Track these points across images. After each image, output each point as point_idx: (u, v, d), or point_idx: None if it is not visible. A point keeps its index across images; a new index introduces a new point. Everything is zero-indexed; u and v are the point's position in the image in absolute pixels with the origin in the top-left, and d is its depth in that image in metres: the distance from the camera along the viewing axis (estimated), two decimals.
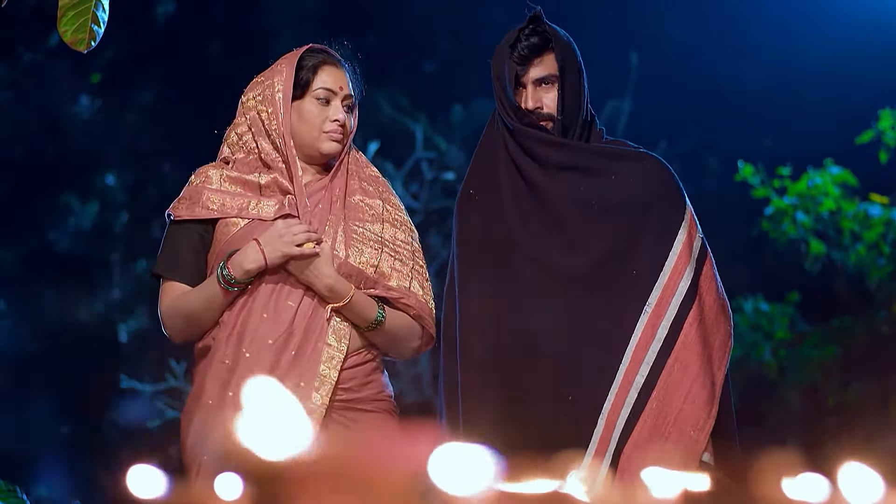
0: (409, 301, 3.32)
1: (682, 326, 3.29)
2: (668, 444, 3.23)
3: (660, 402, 3.25)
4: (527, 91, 3.37)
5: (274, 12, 9.58)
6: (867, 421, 7.42)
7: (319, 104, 3.31)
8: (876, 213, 7.54)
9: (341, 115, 3.30)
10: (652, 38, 9.50)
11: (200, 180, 3.33)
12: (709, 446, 3.27)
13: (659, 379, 3.26)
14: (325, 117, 3.30)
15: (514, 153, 3.39)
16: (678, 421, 3.25)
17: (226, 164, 3.35)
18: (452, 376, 3.36)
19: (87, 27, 2.78)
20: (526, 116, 3.36)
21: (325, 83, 3.31)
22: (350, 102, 3.34)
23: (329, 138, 3.30)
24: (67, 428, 9.10)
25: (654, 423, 3.25)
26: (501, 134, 3.41)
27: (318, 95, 3.31)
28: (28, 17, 8.78)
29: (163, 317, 3.28)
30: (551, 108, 3.36)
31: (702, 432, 3.25)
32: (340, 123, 3.30)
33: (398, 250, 3.34)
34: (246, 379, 3.16)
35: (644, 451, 3.21)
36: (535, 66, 3.36)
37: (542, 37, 3.36)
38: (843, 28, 8.96)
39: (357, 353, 3.26)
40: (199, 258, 3.28)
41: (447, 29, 9.62)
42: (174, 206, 3.32)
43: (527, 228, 3.36)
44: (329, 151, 3.31)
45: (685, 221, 3.36)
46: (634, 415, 3.24)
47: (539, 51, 3.36)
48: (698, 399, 3.26)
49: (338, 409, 3.21)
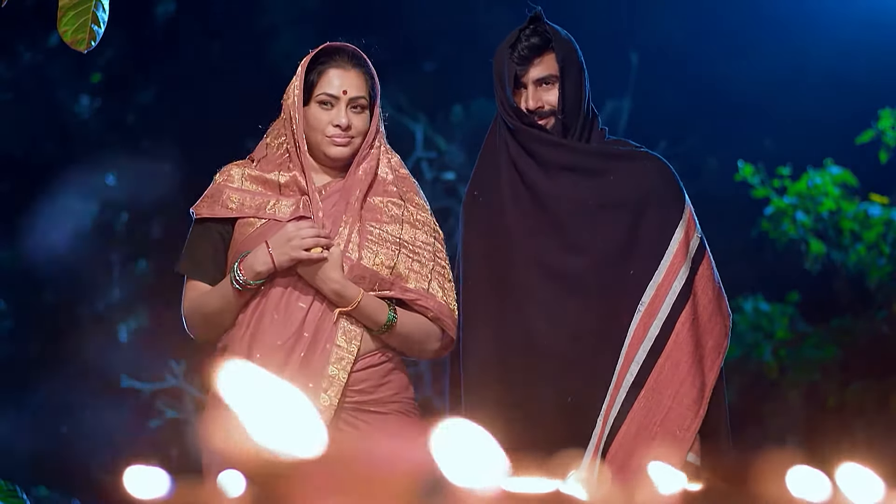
0: (427, 303, 3.30)
1: (674, 326, 3.29)
2: (653, 444, 3.23)
3: (648, 400, 3.26)
4: (527, 91, 3.37)
5: (274, 12, 9.57)
6: (867, 421, 7.42)
7: (324, 109, 3.28)
8: (876, 213, 7.54)
9: (343, 119, 3.27)
10: (652, 38, 9.50)
11: (223, 178, 3.33)
12: (695, 446, 3.27)
13: (648, 378, 3.27)
14: (329, 122, 3.28)
15: (514, 155, 3.40)
16: (665, 420, 3.26)
17: (251, 161, 3.35)
18: (455, 375, 3.38)
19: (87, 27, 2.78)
20: (526, 117, 3.36)
21: (327, 88, 3.28)
22: (362, 103, 3.29)
23: (332, 143, 3.28)
24: (67, 428, 9.09)
25: (641, 422, 3.26)
26: (503, 135, 3.42)
27: (321, 100, 3.29)
28: (28, 17, 8.78)
29: (185, 316, 3.31)
30: (552, 107, 3.36)
31: (687, 432, 3.25)
32: (343, 128, 3.28)
33: (417, 251, 3.32)
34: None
35: (630, 450, 3.22)
36: (535, 67, 3.36)
37: (543, 37, 3.36)
38: (843, 28, 8.96)
39: (371, 355, 3.26)
40: (219, 257, 3.29)
41: (447, 29, 9.62)
42: (197, 204, 3.33)
43: (527, 229, 3.37)
44: (335, 156, 3.29)
45: (683, 220, 3.36)
46: (622, 413, 3.25)
47: (539, 51, 3.36)
48: (686, 399, 3.27)
49: (349, 410, 3.21)
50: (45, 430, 8.99)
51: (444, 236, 3.41)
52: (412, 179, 3.42)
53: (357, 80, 3.31)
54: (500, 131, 3.43)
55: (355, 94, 3.29)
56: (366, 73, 3.33)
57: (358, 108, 3.30)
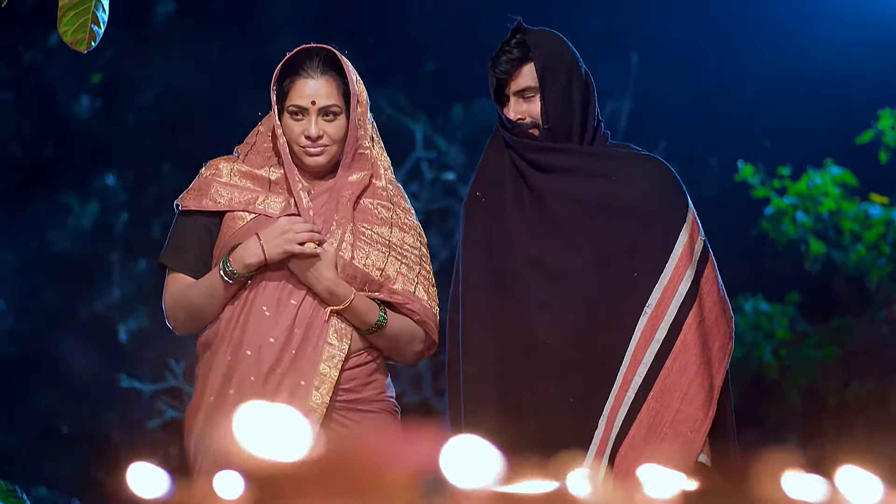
0: (414, 306, 3.31)
1: (681, 328, 3.29)
2: (664, 445, 3.23)
3: (657, 402, 3.26)
4: (510, 103, 3.38)
5: (273, 12, 9.58)
6: (867, 421, 7.42)
7: (296, 119, 3.26)
8: (876, 213, 7.54)
9: (313, 130, 3.23)
10: (652, 38, 9.50)
11: (210, 172, 3.33)
12: (705, 447, 3.27)
13: (657, 380, 3.27)
14: (301, 132, 3.26)
15: (515, 161, 3.41)
16: (675, 422, 3.26)
17: (238, 156, 3.35)
18: (456, 376, 3.38)
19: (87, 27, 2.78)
20: (516, 126, 3.38)
21: (296, 99, 3.25)
22: (334, 110, 3.25)
23: (305, 153, 3.27)
24: (67, 428, 9.10)
25: (650, 423, 3.25)
26: (505, 140, 3.44)
27: (291, 111, 3.26)
28: (28, 17, 8.78)
29: (166, 308, 3.29)
30: (535, 117, 3.37)
31: (698, 433, 3.25)
32: (313, 138, 3.25)
33: (405, 255, 3.33)
34: (247, 377, 3.18)
35: (640, 452, 3.22)
36: (514, 79, 3.37)
37: (522, 48, 3.36)
38: (843, 28, 8.96)
39: (359, 354, 3.27)
40: (204, 250, 3.29)
41: (447, 29, 9.62)
42: (182, 196, 3.32)
43: (528, 230, 3.37)
44: (311, 165, 3.28)
45: (687, 224, 3.37)
46: (631, 415, 3.25)
47: (519, 63, 3.36)
48: (696, 400, 3.27)
49: (339, 409, 3.22)
50: (45, 430, 8.99)
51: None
52: (397, 182, 3.42)
53: (326, 88, 3.25)
54: (503, 135, 3.44)
55: (325, 104, 3.25)
56: (337, 78, 3.27)
57: (330, 115, 3.26)
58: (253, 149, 3.35)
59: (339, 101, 3.26)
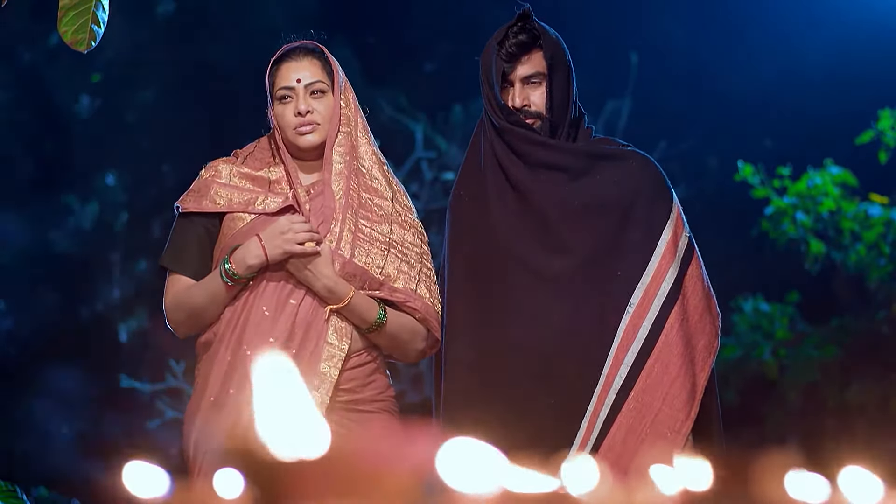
0: (415, 304, 3.31)
1: (663, 327, 3.27)
2: (643, 446, 3.22)
3: (638, 402, 3.24)
4: (514, 89, 3.36)
5: (273, 12, 9.57)
6: (867, 421, 7.42)
7: (285, 103, 3.30)
8: (876, 213, 7.54)
9: (302, 105, 3.28)
10: (652, 38, 9.49)
11: (210, 174, 3.34)
12: (687, 448, 3.25)
13: (637, 380, 3.25)
14: (291, 113, 3.29)
15: (500, 154, 3.38)
16: (655, 422, 3.24)
17: (237, 158, 3.36)
18: (440, 375, 3.38)
19: (87, 27, 2.78)
20: (512, 114, 3.35)
21: (282, 82, 3.31)
22: (321, 87, 3.30)
23: (297, 134, 3.29)
24: (67, 428, 9.09)
25: (630, 424, 3.24)
26: (489, 134, 3.40)
27: (280, 96, 3.31)
28: (28, 17, 8.78)
29: (167, 310, 3.30)
30: (539, 106, 3.35)
31: (678, 434, 3.23)
32: (303, 113, 3.28)
33: (406, 252, 3.33)
34: (247, 377, 3.18)
35: (618, 453, 3.20)
36: (522, 64, 3.35)
37: (531, 34, 3.35)
38: (843, 28, 8.96)
39: (359, 354, 3.27)
40: (204, 252, 3.29)
41: (447, 29, 9.61)
42: (182, 198, 3.33)
43: (512, 230, 3.35)
44: (304, 145, 3.30)
45: (671, 220, 3.35)
46: (612, 416, 3.24)
47: (527, 48, 3.35)
48: (677, 401, 3.25)
49: (339, 409, 3.22)
50: (45, 430, 8.99)
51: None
52: (396, 178, 3.41)
53: (311, 67, 3.31)
54: (486, 130, 3.41)
55: (310, 80, 3.30)
56: (321, 59, 3.33)
57: (318, 93, 3.30)
58: (252, 155, 3.36)
59: (325, 78, 3.31)
